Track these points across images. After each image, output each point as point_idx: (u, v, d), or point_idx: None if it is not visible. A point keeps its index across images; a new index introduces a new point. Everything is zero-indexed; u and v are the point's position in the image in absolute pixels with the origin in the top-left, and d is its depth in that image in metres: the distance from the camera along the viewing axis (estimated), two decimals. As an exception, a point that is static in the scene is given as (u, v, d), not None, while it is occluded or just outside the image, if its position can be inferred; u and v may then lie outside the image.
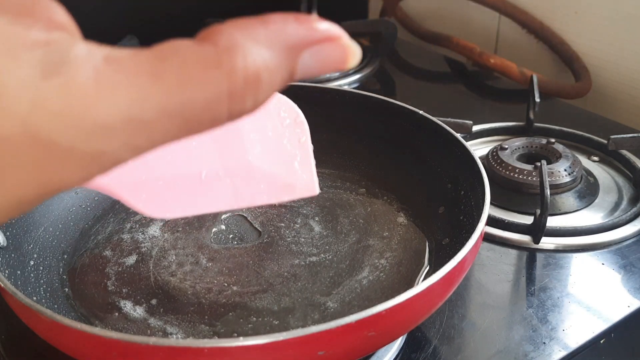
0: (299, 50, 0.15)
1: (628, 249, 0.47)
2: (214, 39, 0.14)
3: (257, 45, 0.14)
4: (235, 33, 0.14)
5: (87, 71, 0.12)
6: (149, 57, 0.13)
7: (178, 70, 0.13)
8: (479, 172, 0.40)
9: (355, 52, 0.16)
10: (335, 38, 0.16)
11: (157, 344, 0.27)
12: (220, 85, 0.14)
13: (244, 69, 0.14)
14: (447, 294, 0.34)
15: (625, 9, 0.67)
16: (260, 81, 0.14)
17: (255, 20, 0.15)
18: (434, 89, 0.79)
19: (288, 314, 0.38)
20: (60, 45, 0.13)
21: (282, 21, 0.15)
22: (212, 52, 0.14)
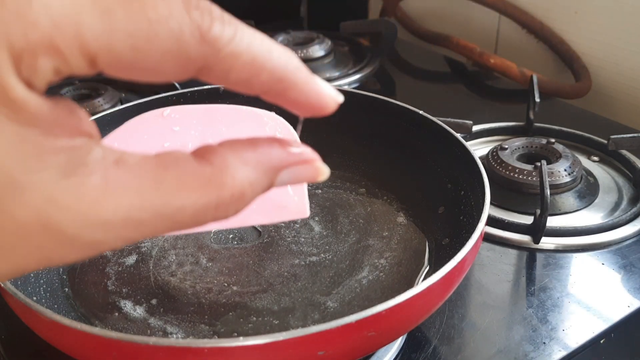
0: (279, 170, 0.18)
1: (628, 249, 0.47)
2: (209, 158, 0.16)
3: (245, 167, 0.17)
4: (228, 155, 0.17)
5: (99, 174, 0.15)
6: (153, 164, 0.15)
7: (176, 181, 0.15)
8: (479, 172, 0.40)
9: (324, 172, 0.19)
10: (309, 161, 0.19)
11: (157, 344, 0.27)
12: (210, 198, 0.16)
13: (231, 187, 0.16)
14: (447, 294, 0.34)
15: (625, 8, 0.67)
16: (244, 196, 0.17)
17: (246, 143, 0.17)
18: (434, 89, 0.79)
19: (288, 314, 0.38)
20: (80, 150, 0.15)
21: (268, 146, 0.18)
22: (207, 171, 0.16)
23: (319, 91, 0.18)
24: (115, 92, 0.68)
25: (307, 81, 0.18)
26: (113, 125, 0.49)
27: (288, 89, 0.17)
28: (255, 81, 0.17)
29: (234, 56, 0.16)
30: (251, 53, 0.16)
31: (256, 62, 0.16)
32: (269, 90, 0.17)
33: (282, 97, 0.18)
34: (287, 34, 0.81)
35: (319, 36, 0.80)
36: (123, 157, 0.15)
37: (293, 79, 0.17)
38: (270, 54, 0.17)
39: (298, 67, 0.17)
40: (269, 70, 0.17)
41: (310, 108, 0.18)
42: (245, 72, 0.16)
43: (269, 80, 0.17)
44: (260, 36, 0.17)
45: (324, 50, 0.78)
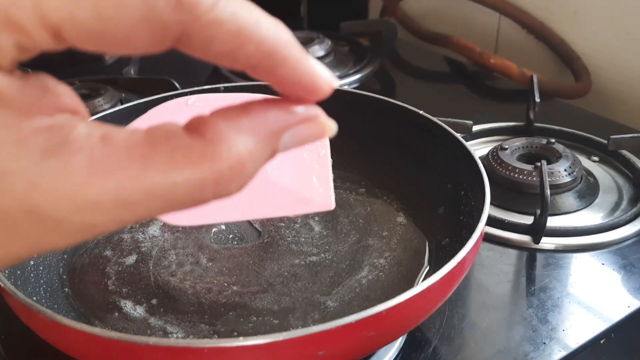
0: (280, 134, 0.16)
1: (628, 249, 0.47)
2: (201, 130, 0.15)
3: (241, 135, 0.15)
4: (220, 124, 0.15)
5: (83, 152, 0.14)
6: (141, 141, 0.14)
7: (166, 158, 0.14)
8: (479, 172, 0.40)
9: (331, 127, 0.18)
10: (312, 118, 0.17)
11: (157, 344, 0.27)
12: (205, 174, 0.15)
13: (228, 159, 0.15)
14: (447, 294, 0.34)
15: (625, 9, 0.67)
16: (244, 167, 0.15)
17: (239, 109, 0.16)
18: (434, 89, 0.79)
19: (288, 314, 0.38)
20: (61, 128, 0.14)
21: (264, 108, 0.16)
22: (199, 144, 0.15)
23: (312, 72, 0.16)
24: (115, 92, 0.68)
25: (299, 59, 0.16)
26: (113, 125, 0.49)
27: (277, 65, 0.16)
28: (240, 54, 0.15)
29: (216, 24, 0.14)
30: (236, 22, 0.15)
31: (242, 32, 0.15)
32: (256, 66, 0.16)
33: (271, 74, 0.16)
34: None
35: (319, 36, 0.80)
36: (110, 134, 0.14)
37: (283, 55, 0.16)
38: (258, 25, 0.15)
39: (289, 42, 0.16)
40: (256, 42, 0.15)
41: (302, 89, 0.17)
42: (228, 43, 0.15)
43: (255, 53, 0.15)
44: (248, 5, 0.15)
45: (324, 50, 0.78)
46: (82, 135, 0.14)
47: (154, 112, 0.32)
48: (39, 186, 0.13)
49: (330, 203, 0.27)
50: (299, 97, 0.17)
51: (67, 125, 0.14)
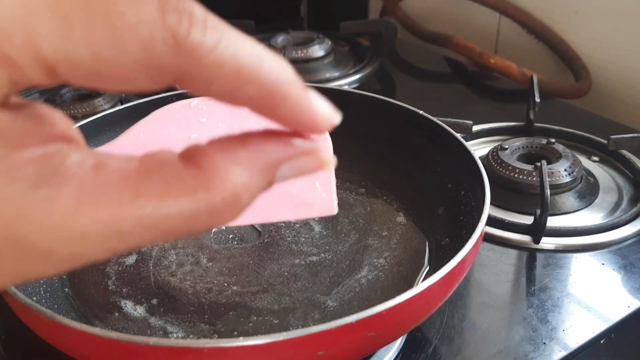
0: (277, 166, 0.16)
1: (628, 249, 0.47)
2: (197, 160, 0.15)
3: (237, 167, 0.15)
4: (216, 155, 0.15)
5: (74, 182, 0.14)
6: (135, 170, 0.14)
7: (160, 187, 0.14)
8: (479, 172, 0.40)
9: (330, 162, 0.17)
10: (311, 151, 0.17)
11: (157, 344, 0.27)
12: (198, 205, 0.14)
13: (222, 190, 0.15)
14: (447, 294, 0.34)
15: (625, 8, 0.67)
16: (239, 199, 0.15)
17: (237, 140, 0.16)
18: (434, 89, 0.79)
19: (288, 314, 0.38)
20: (53, 158, 0.14)
21: (262, 140, 0.16)
22: (193, 176, 0.15)
23: (313, 111, 0.16)
24: (116, 92, 0.68)
25: (300, 98, 0.16)
26: (113, 125, 0.49)
27: (278, 105, 0.16)
28: (241, 94, 0.15)
29: (216, 66, 0.14)
30: (237, 63, 0.14)
31: (243, 73, 0.15)
32: (256, 105, 0.16)
33: (271, 113, 0.16)
34: (287, 34, 0.81)
35: (319, 36, 0.80)
36: (103, 162, 0.14)
37: (284, 95, 0.16)
38: (260, 65, 0.15)
39: (291, 82, 0.16)
40: (258, 83, 0.15)
41: (302, 127, 0.17)
42: (229, 84, 0.15)
43: (256, 94, 0.15)
44: (250, 43, 0.15)
45: (324, 50, 0.78)
46: (74, 165, 0.14)
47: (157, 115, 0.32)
48: (25, 216, 0.13)
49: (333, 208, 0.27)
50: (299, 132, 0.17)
51: (60, 154, 0.14)
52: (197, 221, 0.15)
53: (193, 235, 0.15)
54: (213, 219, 0.15)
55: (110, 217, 0.14)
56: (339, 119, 0.17)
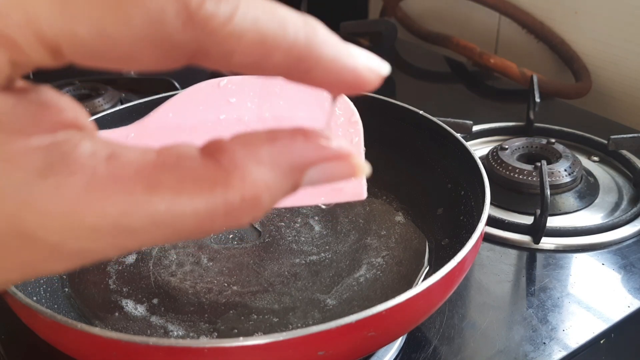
0: (304, 169, 0.15)
1: (628, 249, 0.47)
2: (217, 156, 0.14)
3: (260, 166, 0.14)
4: (238, 152, 0.14)
5: (84, 172, 0.13)
6: (151, 163, 0.13)
7: (175, 184, 0.13)
8: (479, 172, 0.40)
9: (364, 169, 0.15)
10: (343, 156, 0.15)
11: (157, 344, 0.27)
12: (215, 204, 0.13)
13: (241, 189, 0.14)
14: (447, 294, 0.34)
15: (625, 8, 0.67)
16: (259, 201, 0.14)
17: (263, 136, 0.14)
18: (434, 89, 0.79)
19: (288, 312, 0.38)
20: (63, 146, 0.13)
21: (289, 138, 0.14)
22: (212, 172, 0.14)
23: (354, 66, 0.15)
24: (116, 92, 0.68)
25: (337, 55, 0.14)
26: (113, 125, 0.49)
27: (312, 68, 0.14)
28: (267, 63, 0.14)
29: (234, 37, 0.13)
30: (259, 31, 0.13)
31: (266, 41, 0.13)
32: (288, 72, 0.14)
33: (306, 77, 0.14)
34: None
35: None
36: (117, 153, 0.13)
37: (317, 56, 0.14)
38: (285, 29, 0.13)
39: (323, 40, 0.14)
40: (285, 49, 0.13)
41: (345, 87, 0.15)
42: (252, 55, 0.13)
43: (284, 60, 0.14)
44: (270, 6, 0.13)
45: (324, 50, 0.78)
46: (85, 154, 0.13)
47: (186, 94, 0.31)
48: (31, 207, 0.12)
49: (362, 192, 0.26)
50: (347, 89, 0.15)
51: (70, 142, 0.13)
52: (213, 221, 0.14)
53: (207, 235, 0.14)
54: (230, 219, 0.14)
55: (122, 211, 0.13)
56: (387, 69, 0.15)
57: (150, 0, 0.12)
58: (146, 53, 0.13)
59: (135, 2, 0.12)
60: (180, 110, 0.30)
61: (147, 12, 0.12)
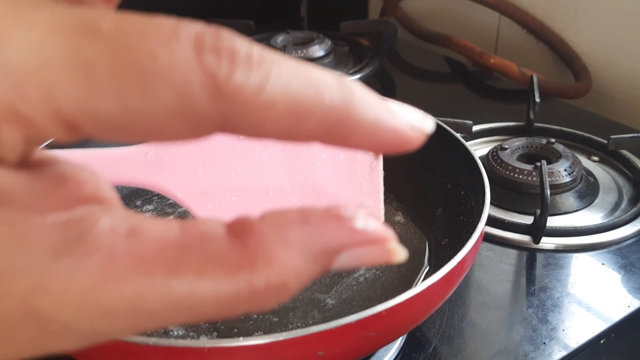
0: (336, 254, 0.14)
1: (628, 249, 0.47)
2: (244, 237, 0.13)
3: (289, 252, 0.13)
4: (267, 233, 0.13)
5: (101, 252, 0.12)
6: (173, 242, 0.13)
7: (197, 266, 0.12)
8: (479, 172, 0.40)
9: (400, 255, 0.14)
10: (379, 240, 0.14)
11: (157, 344, 0.27)
12: (238, 289, 0.13)
13: (267, 276, 0.13)
14: (447, 294, 0.34)
15: (625, 8, 0.67)
16: (285, 287, 0.13)
17: (293, 217, 0.13)
18: (434, 89, 0.79)
19: (288, 312, 0.38)
20: (80, 224, 0.12)
21: (322, 220, 0.13)
22: (237, 254, 0.13)
23: (396, 126, 0.14)
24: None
25: (377, 117, 0.13)
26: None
27: (351, 133, 0.13)
28: (302, 131, 0.13)
29: (265, 106, 0.12)
30: (291, 98, 0.12)
31: (298, 108, 0.12)
32: (325, 138, 0.13)
33: (345, 142, 0.13)
34: (287, 34, 0.81)
35: (319, 36, 0.80)
36: (139, 229, 0.12)
37: (355, 120, 0.13)
38: (319, 94, 0.12)
39: (361, 103, 0.13)
40: (319, 115, 0.12)
41: (387, 148, 0.14)
42: (285, 124, 0.12)
43: (321, 127, 0.13)
44: (303, 70, 0.12)
45: (324, 50, 0.78)
46: (104, 231, 0.12)
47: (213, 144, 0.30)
48: (44, 288, 0.12)
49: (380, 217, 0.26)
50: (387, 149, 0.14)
51: (89, 219, 0.12)
52: (235, 306, 0.13)
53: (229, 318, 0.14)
54: (253, 304, 0.13)
55: (139, 294, 0.12)
56: (432, 126, 0.15)
57: (176, 72, 0.11)
58: (172, 127, 0.12)
59: (160, 75, 0.11)
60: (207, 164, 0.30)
61: (173, 86, 0.11)
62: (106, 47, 0.11)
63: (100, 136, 0.12)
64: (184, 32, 0.12)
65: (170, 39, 0.11)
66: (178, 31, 0.12)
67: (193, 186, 0.24)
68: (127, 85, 0.11)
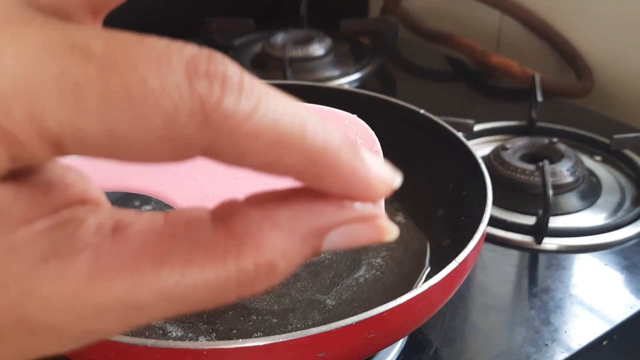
0: (325, 232, 0.14)
1: (631, 249, 0.46)
2: (229, 221, 0.13)
3: (276, 232, 0.13)
4: (253, 216, 0.13)
5: (88, 252, 0.12)
6: (158, 233, 0.13)
7: (184, 255, 0.12)
8: (480, 172, 0.40)
9: (392, 232, 0.14)
10: (369, 217, 0.14)
11: (156, 346, 0.26)
12: (227, 274, 0.13)
13: (255, 258, 0.13)
14: (449, 295, 0.33)
15: (628, 7, 0.67)
16: (275, 269, 0.13)
17: (279, 197, 0.13)
18: (435, 88, 0.79)
19: (288, 313, 0.38)
20: (67, 227, 0.12)
21: (309, 199, 0.14)
22: (223, 239, 0.13)
23: (367, 176, 0.14)
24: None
25: (352, 165, 0.13)
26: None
27: (325, 175, 0.13)
28: (281, 165, 0.13)
29: (250, 137, 0.12)
30: (276, 132, 0.12)
31: (281, 143, 0.12)
32: (300, 175, 0.13)
33: (317, 182, 0.13)
34: (287, 32, 0.80)
35: (319, 35, 0.79)
36: (123, 224, 0.13)
37: (333, 163, 0.13)
38: (304, 132, 0.12)
39: (341, 146, 0.13)
40: (301, 152, 0.13)
41: (354, 194, 0.14)
42: (266, 156, 0.12)
43: (298, 164, 0.13)
44: (291, 106, 0.13)
45: (324, 49, 0.77)
46: (90, 231, 0.12)
47: None
48: (32, 295, 0.12)
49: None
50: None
51: (74, 221, 0.13)
52: (226, 292, 0.13)
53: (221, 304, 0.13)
54: (243, 289, 0.13)
55: (128, 289, 0.12)
56: (399, 182, 0.15)
57: (165, 98, 0.11)
58: (157, 151, 0.12)
59: (148, 100, 0.11)
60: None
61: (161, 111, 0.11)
62: (96, 69, 0.11)
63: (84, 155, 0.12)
64: (176, 56, 0.11)
65: (161, 63, 0.11)
66: (170, 55, 0.11)
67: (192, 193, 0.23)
68: (115, 109, 0.11)
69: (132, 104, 0.11)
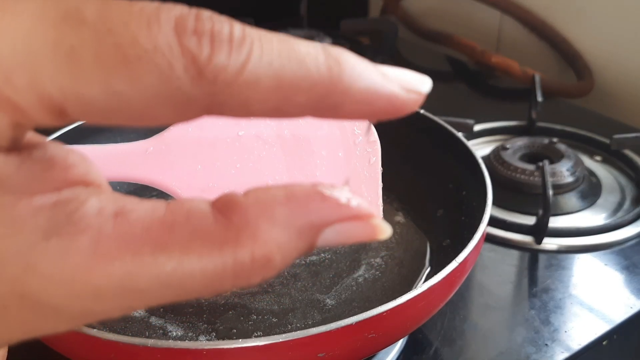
0: (320, 229, 0.14)
1: (631, 249, 0.46)
2: (228, 213, 0.13)
3: (273, 227, 0.13)
4: (251, 209, 0.13)
5: (89, 232, 0.12)
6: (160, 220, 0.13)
7: (183, 243, 0.13)
8: (480, 172, 0.40)
9: (385, 231, 0.14)
10: (363, 216, 0.14)
11: (155, 346, 0.26)
12: (224, 264, 0.13)
13: (251, 251, 0.13)
14: (449, 295, 0.33)
15: (628, 6, 0.67)
16: (270, 262, 0.13)
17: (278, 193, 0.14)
18: (435, 88, 0.78)
19: (288, 313, 0.38)
20: (68, 205, 0.13)
21: (306, 196, 0.14)
22: (222, 230, 0.13)
23: (389, 91, 0.13)
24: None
25: (368, 84, 0.13)
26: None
27: (342, 103, 0.13)
28: (290, 106, 0.13)
29: (250, 85, 0.12)
30: (275, 74, 0.12)
31: (284, 84, 0.12)
32: (316, 111, 0.13)
33: (337, 113, 0.13)
34: (287, 32, 0.80)
35: (319, 35, 0.79)
36: (125, 210, 0.13)
37: (344, 89, 0.13)
38: (304, 67, 0.12)
39: (350, 71, 0.13)
40: (306, 89, 0.12)
41: (383, 114, 0.14)
42: (271, 101, 0.12)
43: (309, 100, 0.13)
44: (287, 45, 0.12)
45: (325, 48, 0.77)
46: (91, 212, 0.13)
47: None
48: (34, 270, 0.12)
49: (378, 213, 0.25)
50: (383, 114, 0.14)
51: (76, 200, 0.13)
52: (222, 280, 0.13)
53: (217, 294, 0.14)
54: (239, 280, 0.13)
55: (127, 273, 0.12)
56: (429, 86, 0.14)
57: (157, 56, 0.12)
58: (158, 110, 0.12)
59: (142, 58, 0.11)
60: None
61: (156, 69, 0.12)
62: (90, 33, 0.11)
63: (87, 120, 0.12)
64: (165, 16, 0.12)
65: (151, 23, 0.12)
66: (159, 15, 0.12)
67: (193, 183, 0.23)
68: (111, 69, 0.11)
69: (127, 63, 0.11)
